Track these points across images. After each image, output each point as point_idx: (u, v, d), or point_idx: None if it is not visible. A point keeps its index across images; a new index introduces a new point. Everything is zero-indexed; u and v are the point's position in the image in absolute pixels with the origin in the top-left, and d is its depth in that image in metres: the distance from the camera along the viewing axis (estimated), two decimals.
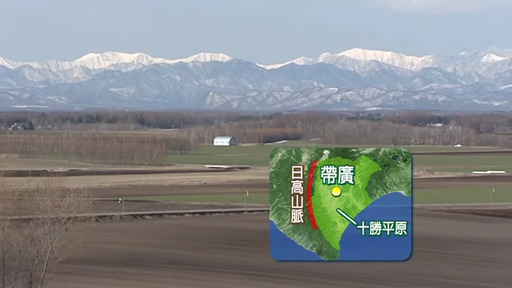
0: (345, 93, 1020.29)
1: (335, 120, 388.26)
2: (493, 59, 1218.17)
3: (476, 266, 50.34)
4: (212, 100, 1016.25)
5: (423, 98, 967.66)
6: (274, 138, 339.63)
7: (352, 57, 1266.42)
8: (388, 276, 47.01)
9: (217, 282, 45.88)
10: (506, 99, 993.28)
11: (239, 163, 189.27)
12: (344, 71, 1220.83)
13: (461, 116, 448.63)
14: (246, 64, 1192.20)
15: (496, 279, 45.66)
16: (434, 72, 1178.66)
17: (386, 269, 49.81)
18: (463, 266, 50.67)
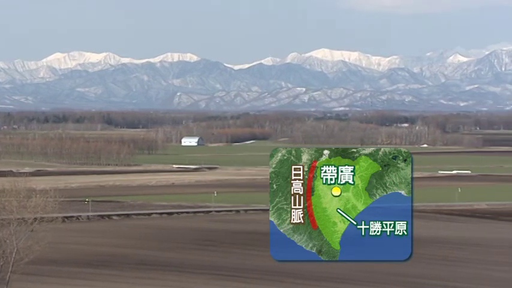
0: (313, 93, 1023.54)
1: (303, 120, 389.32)
2: (459, 59, 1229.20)
3: (445, 266, 50.66)
4: (180, 100, 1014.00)
5: (390, 98, 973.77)
6: (242, 138, 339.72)
7: (319, 57, 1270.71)
8: (359, 276, 47.16)
9: (186, 282, 45.71)
10: (471, 100, 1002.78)
11: (207, 163, 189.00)
12: (312, 71, 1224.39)
13: (427, 116, 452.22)
14: (213, 64, 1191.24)
15: (465, 279, 45.99)
16: (401, 73, 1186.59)
17: (358, 269, 49.95)
18: (433, 265, 50.96)
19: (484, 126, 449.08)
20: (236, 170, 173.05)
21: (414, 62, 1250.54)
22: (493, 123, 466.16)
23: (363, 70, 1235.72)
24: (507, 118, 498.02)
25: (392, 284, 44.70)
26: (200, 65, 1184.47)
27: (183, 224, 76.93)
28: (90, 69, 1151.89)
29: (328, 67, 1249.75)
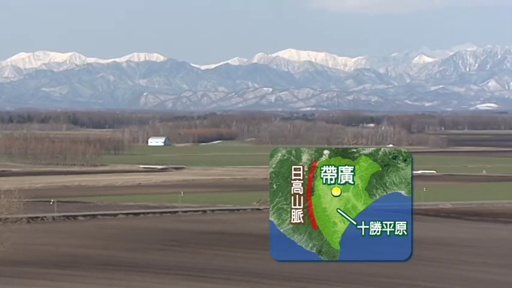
0: (280, 93, 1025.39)
1: (270, 121, 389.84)
2: (424, 60, 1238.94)
3: (411, 265, 50.99)
4: (146, 100, 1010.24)
5: (356, 99, 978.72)
6: (209, 138, 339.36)
7: (286, 57, 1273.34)
8: (330, 276, 47.33)
9: (152, 283, 45.56)
10: (436, 100, 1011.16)
11: (174, 163, 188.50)
12: (278, 71, 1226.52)
13: (393, 116, 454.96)
14: (180, 64, 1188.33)
15: (431, 278, 46.37)
16: (367, 73, 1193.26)
17: (323, 268, 50.13)
18: (399, 265, 51.29)
19: (448, 126, 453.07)
20: (203, 170, 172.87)
21: (380, 63, 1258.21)
22: (458, 124, 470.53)
23: (329, 70, 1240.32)
24: (471, 118, 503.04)
25: (361, 283, 44.94)
26: (167, 65, 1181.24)
27: (150, 225, 76.68)
28: (55, 68, 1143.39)
29: (295, 67, 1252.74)
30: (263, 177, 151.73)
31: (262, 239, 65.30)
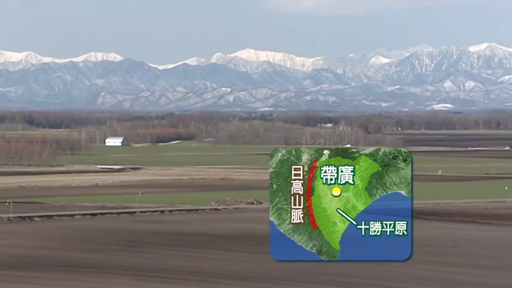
0: (238, 93, 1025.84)
1: (228, 121, 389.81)
2: (381, 60, 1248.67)
3: (371, 264, 51.39)
4: (104, 100, 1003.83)
5: (314, 99, 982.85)
6: (167, 138, 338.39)
7: (244, 57, 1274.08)
8: (282, 275, 47.49)
9: (109, 284, 45.34)
10: (393, 100, 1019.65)
11: (131, 163, 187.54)
12: (237, 71, 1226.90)
13: (350, 116, 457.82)
14: (138, 64, 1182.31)
15: (391, 277, 46.76)
16: (324, 74, 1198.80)
17: (280, 268, 50.35)
18: (358, 264, 51.66)
19: (405, 126, 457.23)
20: (161, 170, 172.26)
21: (337, 63, 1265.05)
22: (414, 124, 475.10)
23: (287, 71, 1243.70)
24: (427, 118, 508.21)
25: (316, 282, 45.18)
26: (124, 64, 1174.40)
27: (107, 225, 76.23)
28: (10, 68, 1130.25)
29: (253, 67, 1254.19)
30: (221, 177, 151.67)
31: (219, 239, 65.31)
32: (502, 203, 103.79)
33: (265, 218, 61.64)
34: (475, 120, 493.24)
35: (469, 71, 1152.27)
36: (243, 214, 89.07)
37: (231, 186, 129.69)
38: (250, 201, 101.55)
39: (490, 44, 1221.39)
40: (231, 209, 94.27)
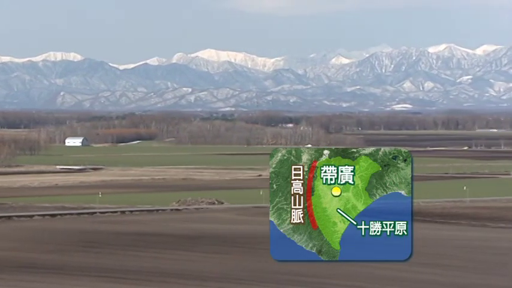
0: (199, 93, 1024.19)
1: (189, 121, 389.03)
2: (341, 61, 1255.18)
3: (325, 263, 51.66)
4: (63, 100, 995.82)
5: (275, 99, 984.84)
6: (128, 138, 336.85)
7: (205, 57, 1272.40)
8: (241, 275, 47.56)
9: (69, 285, 45.04)
10: (353, 101, 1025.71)
11: (92, 164, 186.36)
12: (198, 71, 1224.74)
13: (311, 116, 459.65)
14: (98, 64, 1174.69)
15: (341, 276, 47.08)
16: (285, 74, 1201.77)
17: (239, 268, 50.39)
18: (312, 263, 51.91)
19: (365, 126, 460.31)
20: (121, 170, 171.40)
21: (298, 64, 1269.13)
22: (374, 124, 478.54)
23: (248, 71, 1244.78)
24: (387, 119, 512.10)
25: (272, 282, 45.32)
26: (84, 64, 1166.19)
27: (67, 226, 75.70)
28: None
29: (214, 67, 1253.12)
30: (182, 178, 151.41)
31: (180, 239, 65.22)
32: (460, 202, 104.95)
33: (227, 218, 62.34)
34: (434, 120, 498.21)
35: (428, 71, 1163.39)
36: (204, 214, 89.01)
37: (192, 187, 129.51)
38: (211, 201, 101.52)
39: (448, 45, 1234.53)
40: (192, 210, 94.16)
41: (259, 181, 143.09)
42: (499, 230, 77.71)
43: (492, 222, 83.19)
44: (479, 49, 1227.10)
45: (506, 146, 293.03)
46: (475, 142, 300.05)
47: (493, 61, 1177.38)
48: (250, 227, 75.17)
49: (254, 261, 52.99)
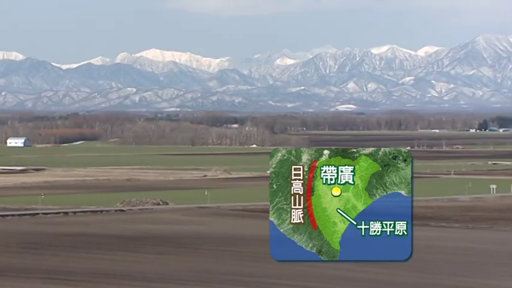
0: (144, 93, 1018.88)
1: (134, 121, 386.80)
2: (286, 61, 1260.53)
3: (271, 263, 51.77)
4: (5, 100, 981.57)
5: (220, 99, 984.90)
6: (71, 139, 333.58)
7: (150, 57, 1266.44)
8: (185, 276, 47.40)
9: (10, 287, 44.34)
10: (298, 101, 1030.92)
11: (34, 164, 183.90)
12: (142, 71, 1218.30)
13: (256, 117, 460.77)
14: (40, 63, 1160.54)
15: (287, 275, 47.24)
16: (230, 74, 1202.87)
17: (184, 268, 50.21)
18: (258, 263, 52.01)
19: (310, 126, 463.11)
20: (65, 171, 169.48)
21: (243, 64, 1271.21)
22: (319, 124, 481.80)
23: (193, 71, 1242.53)
24: (332, 119, 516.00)
25: (214, 282, 45.25)
26: (26, 64, 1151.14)
27: (8, 227, 74.51)
28: None
29: (159, 67, 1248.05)
30: (127, 178, 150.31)
31: (125, 240, 64.72)
32: None
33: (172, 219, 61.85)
34: (378, 120, 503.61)
35: (372, 72, 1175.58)
36: (148, 215, 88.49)
37: (137, 187, 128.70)
38: (156, 201, 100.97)
39: (391, 46, 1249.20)
40: (136, 210, 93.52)
41: (204, 181, 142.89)
42: (441, 229, 78.78)
43: (434, 221, 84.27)
44: (421, 50, 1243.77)
45: (447, 146, 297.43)
46: (417, 142, 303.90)
47: (434, 62, 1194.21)
48: (195, 228, 74.96)
49: (199, 261, 52.84)
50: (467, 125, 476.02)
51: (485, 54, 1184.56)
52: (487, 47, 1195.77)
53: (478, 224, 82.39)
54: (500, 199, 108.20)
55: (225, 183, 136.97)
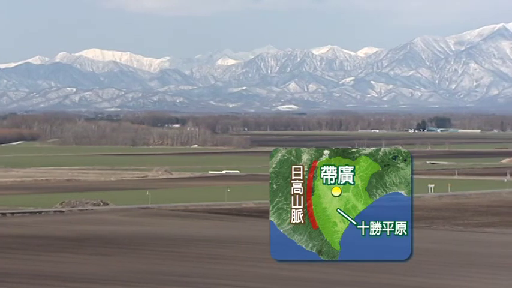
0: (84, 93, 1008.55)
1: (73, 121, 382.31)
2: (227, 62, 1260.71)
3: (211, 264, 51.89)
4: None
5: (161, 100, 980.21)
6: (9, 139, 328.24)
7: (90, 57, 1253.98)
8: (125, 276, 47.18)
9: None
10: (240, 101, 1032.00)
11: None
12: (82, 71, 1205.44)
13: (198, 117, 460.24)
14: None
15: (229, 276, 47.38)
16: (172, 74, 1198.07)
17: (123, 269, 49.97)
18: (199, 264, 52.04)
19: (251, 127, 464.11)
20: (3, 171, 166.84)
21: (185, 64, 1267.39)
22: (260, 124, 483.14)
23: (134, 71, 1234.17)
24: (273, 119, 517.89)
25: (154, 283, 45.18)
26: None
27: None
28: None
29: (99, 67, 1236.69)
30: (66, 179, 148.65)
31: (64, 241, 64.07)
32: None
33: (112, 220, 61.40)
34: (318, 121, 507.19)
35: (312, 73, 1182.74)
36: (88, 216, 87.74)
37: (77, 188, 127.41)
38: (96, 202, 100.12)
39: (332, 47, 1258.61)
40: (76, 211, 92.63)
41: (146, 182, 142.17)
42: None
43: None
44: (360, 51, 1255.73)
45: (387, 146, 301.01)
46: (358, 142, 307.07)
47: (374, 63, 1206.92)
48: (136, 228, 74.59)
49: (139, 262, 52.64)
50: (406, 125, 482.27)
51: (423, 55, 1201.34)
52: (425, 48, 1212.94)
53: (416, 223, 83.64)
54: (438, 198, 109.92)
55: (167, 184, 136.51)
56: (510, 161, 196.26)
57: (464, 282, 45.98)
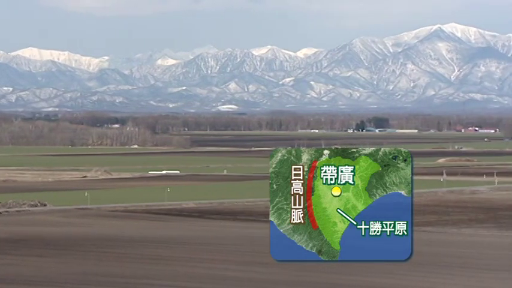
0: (20, 93, 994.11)
1: (10, 121, 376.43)
2: (167, 62, 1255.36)
3: (150, 264, 51.69)
4: None
5: (101, 99, 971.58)
6: None
7: (27, 56, 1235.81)
8: (60, 277, 46.76)
9: None
10: (180, 101, 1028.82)
11: None
12: (19, 70, 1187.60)
13: (138, 117, 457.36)
14: None
15: (168, 276, 47.28)
16: (111, 74, 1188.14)
17: (59, 270, 49.51)
18: (138, 265, 51.79)
19: (191, 127, 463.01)
20: None
21: (124, 64, 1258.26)
22: (200, 124, 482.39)
23: (72, 70, 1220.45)
24: (213, 119, 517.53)
25: (92, 284, 44.88)
26: None
27: None
28: None
29: (37, 67, 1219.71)
30: (3, 180, 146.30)
31: (1, 243, 63.14)
32: None
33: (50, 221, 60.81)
34: (259, 121, 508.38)
35: (253, 73, 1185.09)
36: (26, 217, 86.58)
37: (14, 188, 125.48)
38: (33, 203, 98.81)
39: (271, 47, 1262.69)
40: (13, 212, 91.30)
41: (85, 182, 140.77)
42: None
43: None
44: (300, 52, 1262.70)
45: (326, 146, 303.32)
46: (298, 142, 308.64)
47: (313, 63, 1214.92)
48: (75, 229, 73.87)
49: (78, 263, 52.18)
50: (345, 126, 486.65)
51: (361, 56, 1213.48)
52: (364, 49, 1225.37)
53: None
54: None
55: (106, 184, 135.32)
56: (446, 160, 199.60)
57: (399, 281, 46.58)
